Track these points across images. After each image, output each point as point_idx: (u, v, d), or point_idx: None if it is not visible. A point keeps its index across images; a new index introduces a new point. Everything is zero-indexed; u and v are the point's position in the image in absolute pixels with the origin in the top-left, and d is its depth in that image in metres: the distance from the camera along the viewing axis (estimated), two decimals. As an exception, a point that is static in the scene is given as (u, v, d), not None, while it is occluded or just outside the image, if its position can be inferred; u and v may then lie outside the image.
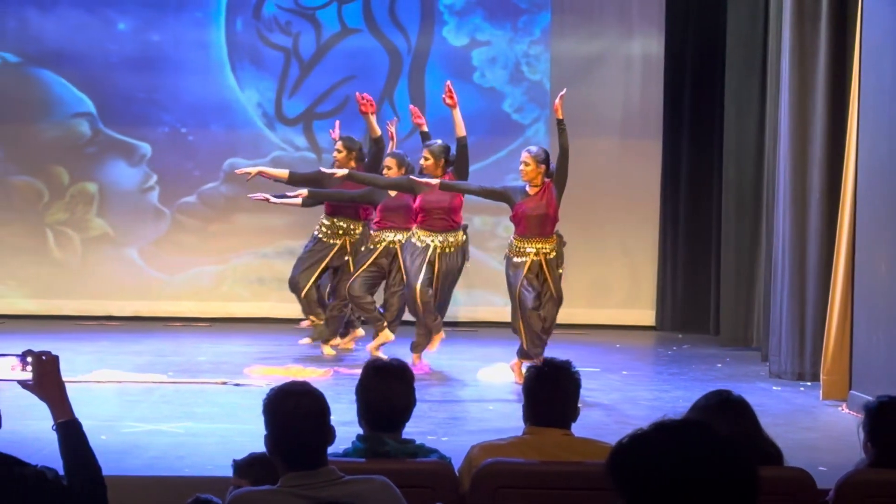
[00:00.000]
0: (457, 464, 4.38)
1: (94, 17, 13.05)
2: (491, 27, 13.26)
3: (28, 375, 3.55)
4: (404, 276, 9.94)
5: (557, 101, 9.36)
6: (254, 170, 10.37)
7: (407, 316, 10.23)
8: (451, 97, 9.63)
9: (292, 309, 11.59)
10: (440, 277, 9.75)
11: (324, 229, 10.42)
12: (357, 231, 10.38)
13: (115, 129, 13.10)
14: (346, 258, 10.34)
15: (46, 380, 3.56)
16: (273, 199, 10.53)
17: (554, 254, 9.32)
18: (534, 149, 9.45)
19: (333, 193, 10.27)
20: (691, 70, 13.02)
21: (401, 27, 13.26)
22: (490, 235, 13.10)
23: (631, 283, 13.24)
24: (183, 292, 12.88)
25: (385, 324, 10.04)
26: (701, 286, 12.92)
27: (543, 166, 9.28)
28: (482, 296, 12.80)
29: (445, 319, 11.84)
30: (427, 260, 9.71)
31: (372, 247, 10.14)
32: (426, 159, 9.76)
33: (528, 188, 9.31)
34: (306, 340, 10.63)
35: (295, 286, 10.42)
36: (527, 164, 9.28)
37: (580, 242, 12.60)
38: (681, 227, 13.09)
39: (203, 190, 12.83)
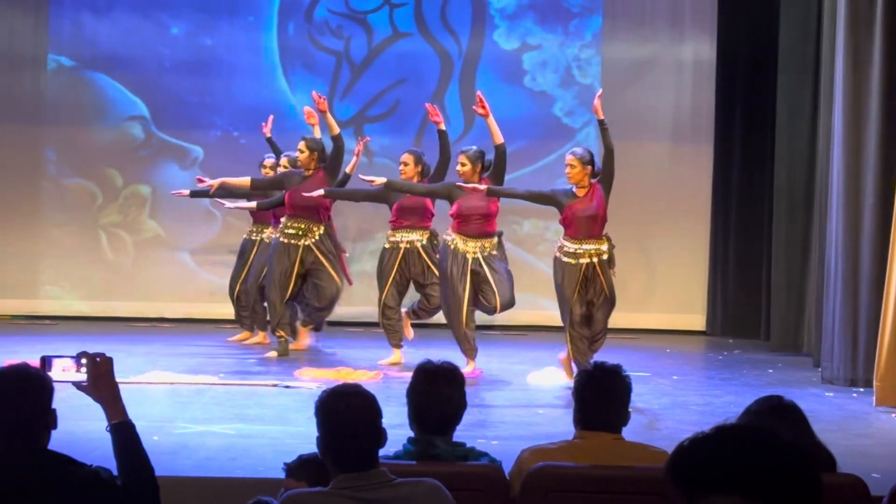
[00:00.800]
0: (507, 467, 4.38)
1: (148, 21, 13.15)
2: (542, 31, 13.25)
3: (82, 377, 3.59)
4: (435, 272, 10.03)
5: (596, 100, 9.32)
6: (216, 182, 10.54)
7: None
8: (483, 107, 9.64)
9: (344, 312, 11.63)
10: (491, 281, 9.76)
11: (285, 231, 10.45)
12: (318, 232, 10.42)
13: (167, 133, 13.19)
14: (318, 260, 10.39)
15: (101, 381, 3.59)
16: (228, 205, 11.03)
17: (607, 255, 9.30)
18: (578, 150, 9.44)
19: (349, 192, 10.53)
20: (743, 74, 12.95)
21: (452, 31, 13.28)
22: (539, 239, 13.09)
23: (681, 288, 13.18)
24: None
25: (401, 344, 10.26)
26: (752, 291, 12.85)
27: (589, 167, 9.26)
28: (531, 299, 12.77)
29: (494, 322, 11.86)
30: (470, 271, 9.73)
31: (388, 247, 10.24)
32: (463, 165, 9.78)
33: (575, 190, 9.30)
34: (272, 354, 10.56)
35: (271, 303, 10.55)
36: (572, 167, 9.26)
37: (631, 246, 12.56)
38: (732, 231, 13.03)
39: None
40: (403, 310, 10.36)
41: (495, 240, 9.90)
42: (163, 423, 7.47)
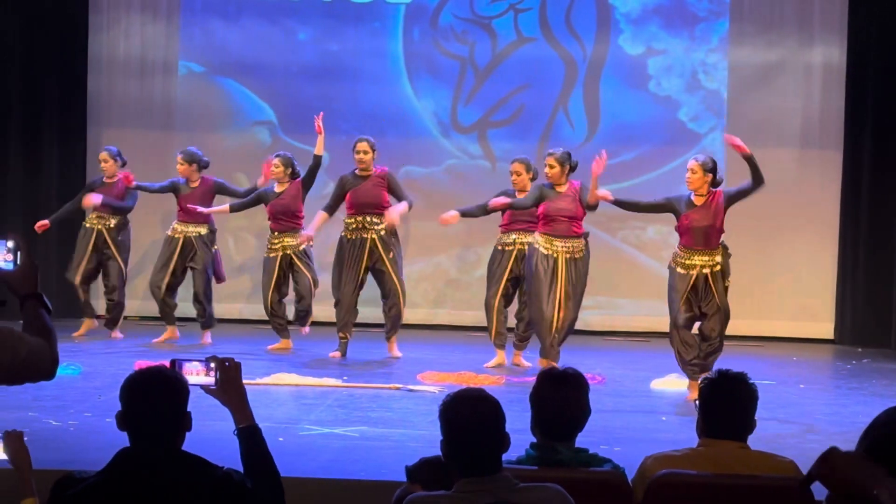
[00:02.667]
0: (630, 474, 4.36)
1: (276, 27, 13.34)
2: (667, 35, 13.15)
3: (210, 380, 3.65)
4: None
5: (734, 142, 9.16)
6: (304, 235, 11.17)
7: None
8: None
9: (467, 317, 11.67)
10: (570, 288, 9.80)
11: (349, 228, 10.78)
12: (381, 226, 10.68)
13: (294, 138, 13.34)
14: (381, 258, 10.72)
15: (229, 385, 3.65)
16: (203, 210, 11.34)
17: (719, 267, 9.17)
18: (701, 157, 9.34)
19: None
20: (874, 78, 12.70)
21: (576, 36, 13.24)
22: (662, 244, 12.97)
23: (809, 295, 12.98)
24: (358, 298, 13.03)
25: (504, 345, 10.45)
26: (882, 299, 12.60)
27: (710, 175, 9.15)
28: (655, 305, 12.66)
29: (617, 329, 11.84)
30: (554, 274, 9.78)
31: (500, 248, 10.42)
32: (551, 167, 9.95)
33: (693, 197, 9.19)
34: (336, 354, 10.81)
35: (341, 302, 10.85)
36: (693, 172, 9.17)
37: (757, 253, 12.42)
38: (861, 238, 12.79)
39: (379, 197, 12.95)
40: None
41: (582, 241, 9.93)
42: (288, 424, 7.58)
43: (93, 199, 11.59)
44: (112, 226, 11.74)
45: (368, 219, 10.71)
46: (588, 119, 13.16)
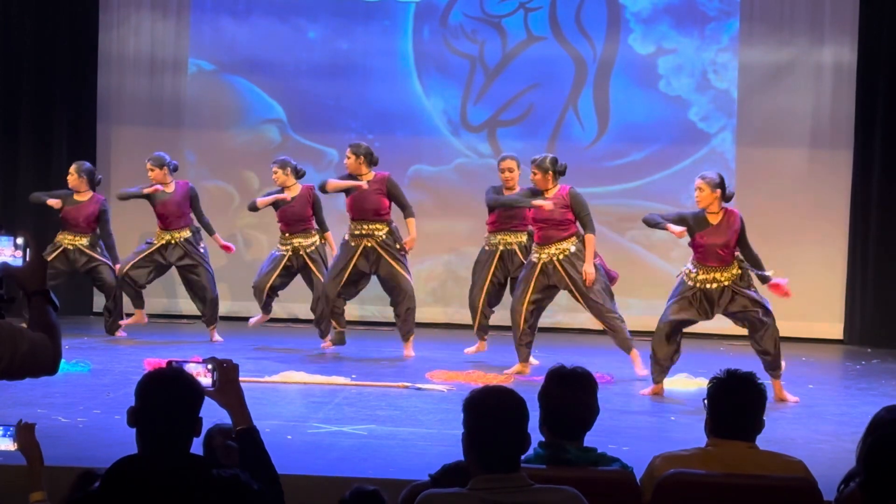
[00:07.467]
0: (638, 473, 4.35)
1: (286, 25, 13.34)
2: (678, 35, 13.13)
3: (209, 381, 3.65)
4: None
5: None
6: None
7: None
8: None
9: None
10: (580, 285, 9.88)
11: (350, 233, 10.87)
12: (381, 232, 10.76)
13: (303, 136, 13.36)
14: (386, 261, 10.77)
15: (228, 387, 3.65)
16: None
17: (738, 275, 9.25)
18: (708, 174, 9.28)
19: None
20: (885, 78, 12.67)
21: (586, 35, 13.22)
22: (673, 245, 12.95)
23: (818, 296, 12.94)
24: (366, 296, 12.97)
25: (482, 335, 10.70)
26: (892, 299, 12.58)
27: (719, 190, 9.11)
28: (664, 306, 12.66)
29: (631, 329, 11.83)
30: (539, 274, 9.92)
31: (486, 248, 10.67)
32: (534, 174, 9.96)
33: (707, 215, 9.15)
34: (328, 344, 10.96)
35: (325, 296, 10.84)
36: (701, 190, 9.11)
37: (767, 252, 12.30)
38: (871, 238, 12.77)
39: (388, 196, 12.94)
40: None
41: (573, 240, 9.96)
42: (296, 422, 7.58)
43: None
44: (86, 244, 11.51)
45: (366, 226, 10.81)
46: (598, 118, 13.14)
